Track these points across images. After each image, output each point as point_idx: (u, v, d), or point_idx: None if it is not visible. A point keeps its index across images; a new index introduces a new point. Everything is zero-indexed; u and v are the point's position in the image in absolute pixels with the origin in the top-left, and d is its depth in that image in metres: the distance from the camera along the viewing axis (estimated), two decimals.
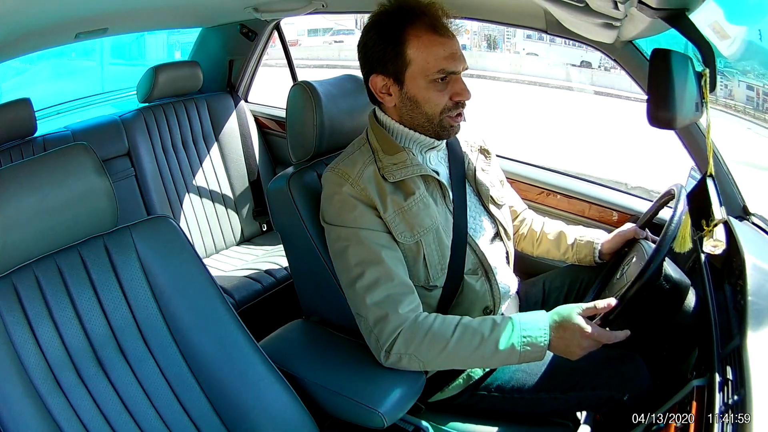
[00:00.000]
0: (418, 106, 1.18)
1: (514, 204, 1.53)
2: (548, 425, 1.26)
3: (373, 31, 1.18)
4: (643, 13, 0.92)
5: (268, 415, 1.10)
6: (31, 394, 0.94)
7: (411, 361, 1.13)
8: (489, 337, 1.10)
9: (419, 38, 1.14)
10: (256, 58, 2.52)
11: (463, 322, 1.13)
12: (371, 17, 1.20)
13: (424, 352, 1.12)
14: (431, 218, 1.21)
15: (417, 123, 1.21)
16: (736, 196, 1.37)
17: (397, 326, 1.12)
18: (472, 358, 1.12)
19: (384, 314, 1.13)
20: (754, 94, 3.65)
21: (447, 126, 1.21)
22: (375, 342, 1.15)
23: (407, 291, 1.16)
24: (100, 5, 1.58)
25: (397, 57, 1.15)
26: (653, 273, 1.09)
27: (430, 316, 1.14)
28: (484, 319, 1.15)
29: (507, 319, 1.13)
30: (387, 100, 1.21)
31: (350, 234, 1.17)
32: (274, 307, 1.97)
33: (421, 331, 1.12)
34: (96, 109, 2.88)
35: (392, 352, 1.13)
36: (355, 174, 1.19)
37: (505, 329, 1.11)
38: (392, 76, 1.17)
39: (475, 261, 1.26)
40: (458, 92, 1.17)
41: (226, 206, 2.37)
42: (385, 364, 1.15)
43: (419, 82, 1.16)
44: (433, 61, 1.14)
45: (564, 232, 1.46)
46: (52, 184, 1.00)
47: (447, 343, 1.11)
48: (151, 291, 1.09)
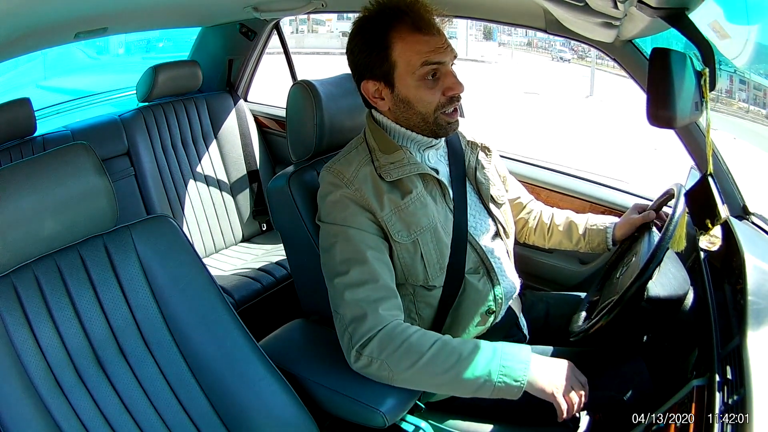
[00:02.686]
0: (411, 107, 1.18)
1: (521, 196, 1.53)
2: (548, 425, 1.26)
3: (358, 37, 1.17)
4: (642, 13, 0.91)
5: (268, 415, 1.10)
6: (31, 394, 0.94)
7: (380, 369, 1.08)
8: (466, 357, 1.06)
9: (403, 39, 1.14)
10: (256, 58, 2.52)
11: (444, 338, 1.10)
12: (355, 23, 1.19)
13: (395, 361, 1.07)
14: (428, 217, 1.20)
15: (413, 123, 1.21)
16: (736, 196, 1.37)
17: (374, 326, 1.09)
18: (444, 378, 1.07)
19: (362, 313, 1.09)
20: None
21: (443, 124, 1.20)
22: (348, 340, 1.11)
23: (390, 295, 1.14)
24: (100, 5, 1.58)
25: (383, 61, 1.15)
26: (633, 297, 1.07)
27: (411, 327, 1.11)
28: (466, 340, 1.11)
29: (489, 345, 1.10)
30: (380, 105, 1.21)
31: (339, 231, 1.16)
32: (274, 306, 1.97)
33: (398, 339, 1.07)
34: (95, 108, 2.88)
35: (363, 353, 1.09)
36: (350, 174, 1.19)
37: (484, 354, 1.07)
38: (382, 80, 1.17)
39: (476, 260, 1.26)
40: (450, 86, 1.16)
41: (226, 206, 2.37)
42: (353, 366, 1.11)
43: (408, 81, 1.16)
44: (416, 57, 1.14)
45: (574, 222, 1.46)
46: (51, 183, 0.99)
47: (421, 357, 1.06)
48: (150, 291, 1.09)
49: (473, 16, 1.74)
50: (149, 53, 4.48)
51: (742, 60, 3.21)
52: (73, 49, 3.37)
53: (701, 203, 1.00)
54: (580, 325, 1.22)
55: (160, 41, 4.33)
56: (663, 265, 1.11)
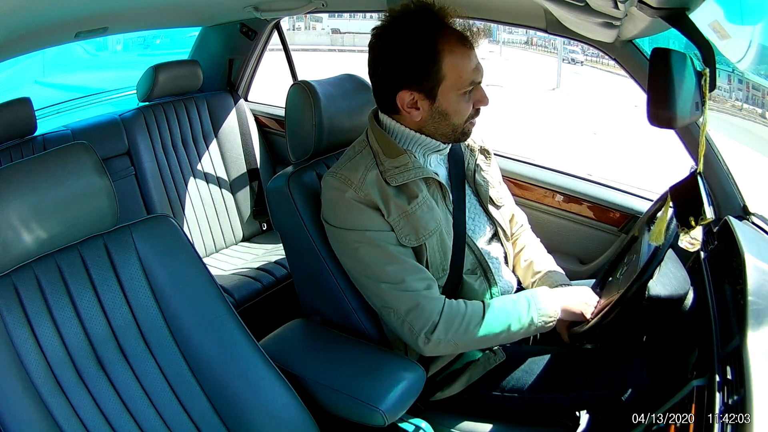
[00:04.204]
0: (447, 119, 1.18)
1: (514, 214, 1.48)
2: (548, 425, 1.26)
3: (404, 43, 1.13)
4: (643, 13, 0.91)
5: (268, 415, 1.10)
6: (31, 394, 0.94)
7: (447, 346, 1.17)
8: (511, 315, 1.18)
9: (453, 53, 1.13)
10: (256, 57, 2.52)
11: (487, 303, 1.19)
12: (392, 21, 1.15)
13: (460, 336, 1.16)
14: (435, 221, 1.20)
15: (440, 132, 1.21)
16: (736, 196, 1.37)
17: (432, 313, 1.15)
18: (499, 337, 1.19)
19: (416, 304, 1.15)
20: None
21: (468, 132, 1.23)
22: (409, 331, 1.16)
23: (430, 281, 1.18)
24: (100, 4, 1.58)
25: (432, 74, 1.13)
26: (634, 297, 1.08)
27: (459, 303, 1.18)
28: (504, 300, 1.21)
29: (523, 298, 1.21)
30: (414, 114, 1.18)
31: (358, 237, 1.17)
32: (274, 306, 1.97)
33: (458, 318, 1.15)
34: (96, 108, 2.88)
35: (432, 338, 1.15)
36: (358, 179, 1.18)
37: (522, 306, 1.19)
38: (424, 92, 1.15)
39: (473, 261, 1.27)
40: (480, 99, 1.19)
41: (226, 205, 2.37)
42: (422, 351, 1.17)
43: (451, 96, 1.16)
44: (465, 75, 1.15)
45: (532, 268, 1.41)
46: (52, 183, 0.99)
47: (478, 327, 1.16)
48: (151, 290, 1.09)
49: (474, 16, 1.73)
50: (147, 50, 4.49)
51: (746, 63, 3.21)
52: (73, 45, 3.37)
53: (688, 201, 1.00)
54: (581, 325, 1.22)
55: (157, 38, 4.34)
56: (663, 265, 1.11)
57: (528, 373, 1.23)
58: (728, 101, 5.67)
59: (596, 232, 1.78)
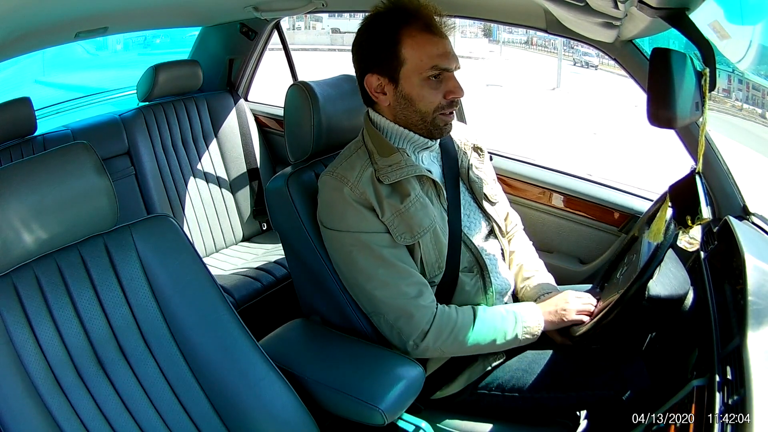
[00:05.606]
0: (412, 104, 1.20)
1: (508, 213, 1.48)
2: (548, 425, 1.26)
3: (368, 32, 1.20)
4: (643, 13, 0.91)
5: (269, 415, 1.10)
6: (31, 394, 0.94)
7: (434, 352, 1.21)
8: (498, 329, 1.21)
9: (413, 38, 1.16)
10: (256, 57, 2.52)
11: (477, 313, 1.21)
12: (366, 18, 1.21)
13: (448, 345, 1.19)
14: (430, 218, 1.21)
15: (411, 121, 1.22)
16: (736, 196, 1.37)
17: (422, 320, 1.17)
18: (483, 347, 1.22)
19: (406, 311, 1.17)
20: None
21: (440, 125, 1.22)
22: (398, 337, 1.20)
23: (423, 286, 1.19)
24: (100, 4, 1.58)
25: (392, 56, 1.17)
26: (634, 297, 1.08)
27: (450, 310, 1.20)
28: (494, 312, 1.23)
29: (510, 313, 1.24)
30: (381, 99, 1.22)
31: (352, 239, 1.18)
32: (274, 306, 1.97)
33: (447, 327, 1.18)
34: (96, 108, 2.88)
35: (420, 345, 1.18)
36: (354, 178, 1.19)
37: (509, 322, 1.22)
38: (387, 76, 1.19)
39: (470, 259, 1.27)
40: (452, 90, 1.19)
41: (226, 205, 2.37)
42: (411, 354, 1.21)
43: (413, 80, 1.17)
44: (427, 59, 1.16)
45: (521, 272, 1.41)
46: (52, 183, 0.99)
47: (466, 337, 1.19)
48: (151, 290, 1.09)
49: (474, 16, 1.74)
50: (147, 50, 4.50)
51: (746, 63, 3.21)
52: (73, 45, 3.38)
53: (686, 200, 1.00)
54: (580, 326, 1.22)
55: (157, 38, 4.35)
56: (663, 265, 1.11)
57: (528, 372, 1.23)
58: (728, 101, 5.68)
59: (596, 232, 1.78)
